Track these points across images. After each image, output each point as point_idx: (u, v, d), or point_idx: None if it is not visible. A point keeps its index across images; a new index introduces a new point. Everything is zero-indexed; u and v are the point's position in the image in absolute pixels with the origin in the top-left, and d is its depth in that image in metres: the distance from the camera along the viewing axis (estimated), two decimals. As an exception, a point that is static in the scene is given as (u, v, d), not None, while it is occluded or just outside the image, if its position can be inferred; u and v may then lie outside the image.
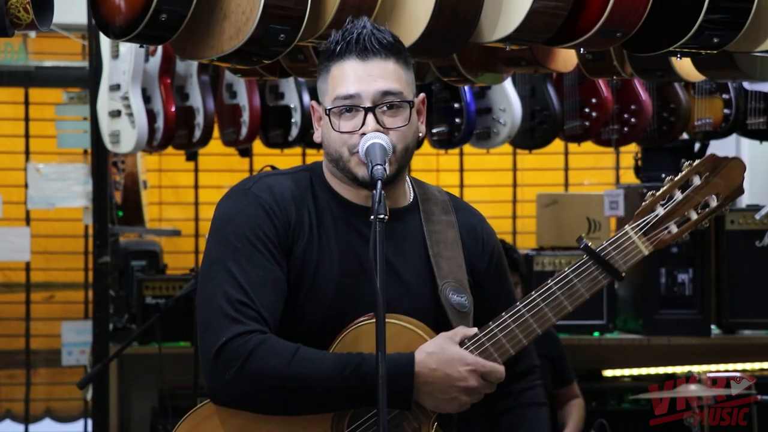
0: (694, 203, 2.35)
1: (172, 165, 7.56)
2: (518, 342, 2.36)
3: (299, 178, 2.47)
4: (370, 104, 2.39)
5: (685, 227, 2.36)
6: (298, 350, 2.30)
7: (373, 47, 2.40)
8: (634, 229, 2.36)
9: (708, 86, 5.52)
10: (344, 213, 2.45)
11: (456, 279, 2.44)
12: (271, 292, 2.34)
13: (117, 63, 5.32)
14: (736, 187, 2.35)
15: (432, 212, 2.49)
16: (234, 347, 2.29)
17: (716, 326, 5.92)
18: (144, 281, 5.79)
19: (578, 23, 3.24)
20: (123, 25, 3.16)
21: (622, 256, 2.35)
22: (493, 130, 5.42)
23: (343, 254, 2.41)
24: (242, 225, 2.36)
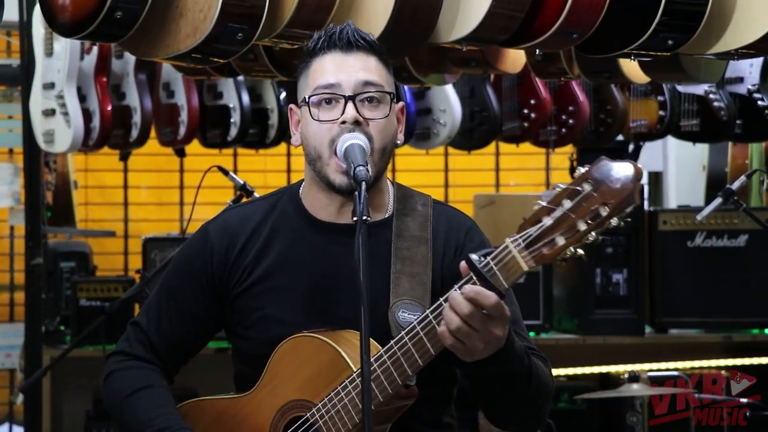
0: (582, 213, 2.08)
1: (98, 165, 7.44)
2: (404, 371, 2.27)
3: (263, 205, 2.50)
4: (351, 92, 2.37)
5: (572, 240, 2.09)
6: (141, 390, 2.47)
7: (357, 41, 2.40)
8: (514, 243, 2.14)
9: (643, 88, 5.59)
10: (308, 232, 2.44)
11: (414, 297, 2.39)
12: (173, 323, 2.49)
13: (51, 61, 5.22)
14: (626, 194, 2.07)
15: (406, 228, 2.44)
16: (112, 360, 2.55)
17: (649, 326, 6.00)
18: (78, 283, 5.69)
19: (535, 24, 3.26)
20: (76, 21, 3.10)
21: (503, 272, 2.14)
22: (433, 130, 5.43)
23: (301, 276, 2.41)
24: (181, 257, 2.54)
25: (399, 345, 2.26)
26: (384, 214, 2.47)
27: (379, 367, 2.28)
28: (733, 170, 6.33)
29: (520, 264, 2.13)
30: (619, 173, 2.08)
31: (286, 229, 2.45)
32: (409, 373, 2.28)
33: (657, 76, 4.03)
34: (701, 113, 5.58)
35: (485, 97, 5.47)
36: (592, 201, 2.09)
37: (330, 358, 2.33)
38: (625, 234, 5.87)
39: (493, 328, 2.18)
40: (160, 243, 5.83)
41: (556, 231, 2.11)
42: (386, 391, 2.28)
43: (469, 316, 2.17)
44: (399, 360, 2.26)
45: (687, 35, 3.27)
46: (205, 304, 2.46)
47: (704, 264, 5.89)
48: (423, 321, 2.25)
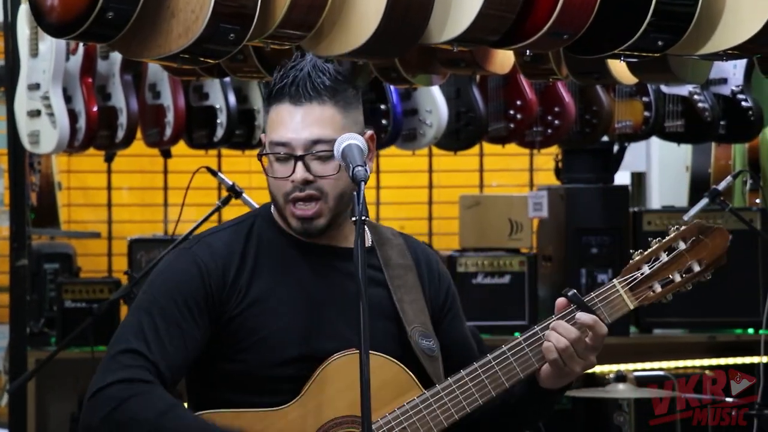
0: (678, 266, 2.45)
1: (81, 166, 7.42)
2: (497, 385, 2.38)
3: (240, 229, 2.47)
4: (302, 152, 2.38)
5: (669, 288, 2.45)
6: (171, 409, 2.33)
7: (306, 93, 2.38)
8: (621, 284, 2.43)
9: (628, 89, 5.61)
10: (294, 253, 2.44)
11: (422, 323, 2.45)
12: (177, 348, 2.36)
13: (36, 62, 5.20)
14: (719, 254, 2.46)
15: (389, 257, 2.49)
16: (114, 390, 2.33)
17: (634, 326, 6.02)
18: (63, 284, 5.67)
19: (526, 25, 3.26)
20: (67, 22, 3.09)
21: (608, 308, 2.41)
22: (419, 131, 5.43)
23: (296, 296, 2.40)
24: (169, 281, 2.41)
25: (484, 369, 2.37)
26: (365, 243, 2.46)
27: (459, 389, 2.35)
28: (717, 171, 6.36)
29: (627, 302, 2.43)
30: (712, 237, 2.47)
31: (273, 252, 2.44)
32: (493, 394, 2.37)
33: (645, 76, 4.05)
34: (686, 114, 5.62)
35: (471, 98, 5.48)
36: (686, 258, 2.45)
37: (394, 377, 2.35)
38: (609, 234, 5.90)
39: (591, 356, 2.40)
40: (145, 244, 5.83)
41: (654, 279, 2.44)
42: (464, 410, 2.36)
43: (576, 340, 2.36)
44: (482, 382, 2.36)
45: (677, 36, 3.28)
46: (203, 329, 2.39)
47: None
48: (514, 348, 2.38)
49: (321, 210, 2.39)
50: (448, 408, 2.35)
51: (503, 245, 6.00)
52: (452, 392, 2.36)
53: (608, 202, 5.92)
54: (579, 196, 5.91)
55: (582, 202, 5.90)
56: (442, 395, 2.35)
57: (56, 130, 5.12)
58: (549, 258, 6.06)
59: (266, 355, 2.37)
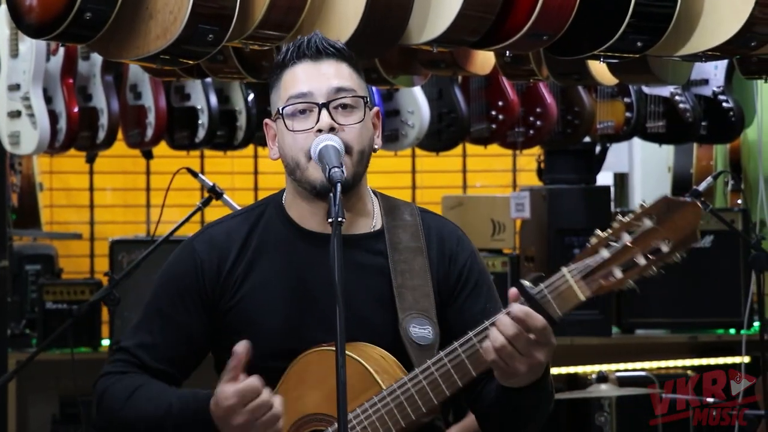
0: (642, 248, 2.13)
1: (64, 167, 7.40)
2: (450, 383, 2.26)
3: (248, 218, 2.47)
4: (325, 99, 2.36)
5: (631, 273, 2.14)
6: (137, 389, 2.39)
7: (326, 49, 2.39)
8: (571, 272, 2.16)
9: (610, 90, 5.62)
10: (297, 243, 2.42)
11: (421, 309, 2.38)
12: (170, 341, 2.42)
13: (17, 62, 5.18)
14: (690, 232, 2.14)
15: (399, 240, 2.42)
16: (96, 388, 2.45)
17: (616, 326, 6.03)
18: (45, 286, 5.65)
19: (505, 26, 3.27)
20: (45, 23, 3.08)
21: (558, 300, 2.16)
22: (401, 132, 5.43)
23: (292, 288, 2.39)
24: (169, 276, 2.47)
25: (437, 366, 2.26)
26: (371, 223, 2.45)
27: (414, 387, 2.27)
28: (698, 172, 6.37)
29: (577, 293, 2.16)
30: (682, 212, 2.13)
31: (275, 241, 2.43)
32: (447, 394, 2.27)
33: (625, 77, 4.05)
34: (667, 115, 5.63)
35: (453, 99, 5.49)
36: (652, 236, 2.12)
37: (355, 374, 2.28)
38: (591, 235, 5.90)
39: (537, 353, 2.18)
40: (127, 245, 5.80)
41: (614, 263, 2.14)
42: (420, 410, 2.28)
43: (514, 337, 2.16)
44: (436, 380, 2.26)
45: (656, 37, 3.29)
46: (199, 321, 2.41)
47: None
48: (466, 343, 2.25)
49: (345, 164, 2.32)
50: (404, 407, 2.28)
51: (486, 246, 6.00)
52: (407, 391, 2.28)
53: (590, 203, 5.93)
54: (561, 196, 5.92)
55: (564, 203, 5.90)
56: (398, 393, 2.28)
57: (37, 131, 5.11)
58: (531, 258, 6.06)
59: (261, 346, 2.35)
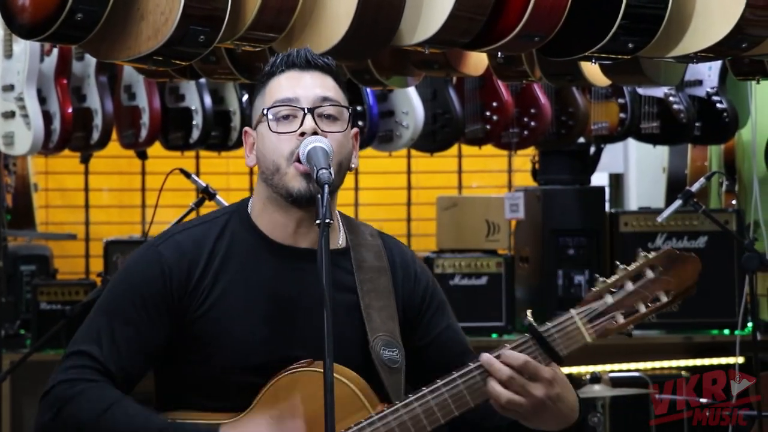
0: (644, 296, 2.28)
1: (59, 167, 7.39)
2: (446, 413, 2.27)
3: (212, 227, 2.42)
4: (310, 106, 2.36)
5: (632, 319, 2.29)
6: (114, 404, 2.29)
7: (315, 60, 2.41)
8: (579, 315, 2.30)
9: (604, 90, 5.62)
10: (266, 255, 2.39)
11: (387, 331, 2.39)
12: (131, 350, 2.33)
13: (11, 63, 5.19)
14: (689, 285, 2.29)
15: (364, 259, 2.43)
16: (57, 392, 2.32)
17: (610, 326, 6.02)
18: (39, 286, 5.65)
19: (497, 27, 3.28)
20: (36, 23, 3.08)
21: (564, 340, 2.29)
22: (395, 133, 5.44)
23: (260, 300, 2.36)
24: (131, 281, 2.37)
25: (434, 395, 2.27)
26: (338, 242, 2.44)
27: (407, 414, 2.27)
28: (693, 172, 6.38)
29: (584, 335, 2.30)
30: (683, 265, 2.29)
31: (242, 252, 2.39)
32: (442, 422, 2.28)
33: (618, 78, 4.06)
34: (661, 116, 5.63)
35: (448, 100, 5.49)
36: (654, 287, 2.28)
37: (341, 397, 2.25)
38: (586, 236, 5.91)
39: (531, 389, 2.24)
40: (121, 246, 5.80)
41: (616, 309, 2.29)
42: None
43: (507, 381, 2.24)
44: (431, 409, 2.27)
45: (647, 39, 3.30)
46: (162, 330, 2.34)
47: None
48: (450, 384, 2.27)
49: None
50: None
51: (480, 246, 6.00)
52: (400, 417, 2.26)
53: (585, 204, 5.94)
54: (555, 197, 5.92)
55: (558, 204, 5.91)
56: (389, 419, 2.26)
57: (30, 132, 5.11)
58: (526, 259, 6.07)
59: (229, 360, 2.33)
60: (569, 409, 2.30)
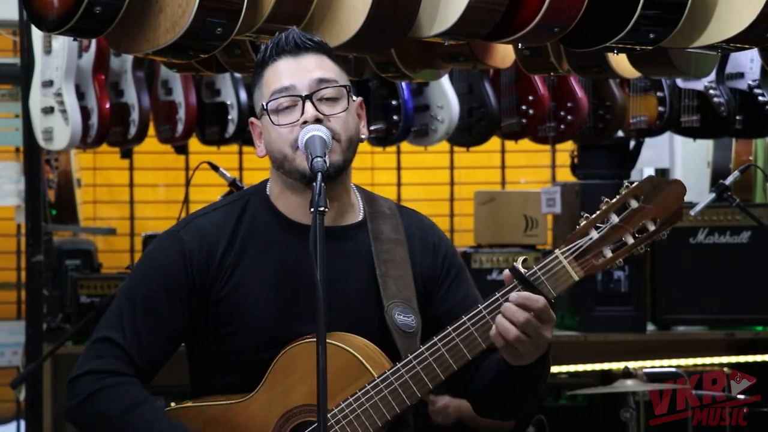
0: (630, 227, 2.24)
1: (106, 163, 7.48)
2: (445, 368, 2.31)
3: (232, 209, 2.45)
4: (308, 92, 2.37)
5: (620, 252, 2.25)
6: (140, 406, 2.35)
7: (305, 43, 2.41)
8: (564, 254, 2.26)
9: (642, 84, 5.56)
10: (286, 235, 2.42)
11: (403, 298, 2.41)
12: (153, 338, 2.38)
13: (50, 59, 5.25)
14: (674, 211, 2.25)
15: (381, 231, 2.45)
16: (86, 381, 2.37)
17: (651, 323, 5.97)
18: (79, 280, 5.71)
19: (516, 18, 3.25)
20: (56, 17, 3.11)
21: (551, 281, 2.26)
22: (430, 127, 5.42)
23: (281, 279, 2.39)
24: (154, 268, 2.42)
25: (431, 350, 2.30)
26: (357, 216, 2.47)
27: (408, 372, 2.30)
28: (737, 166, 6.26)
29: (571, 274, 2.25)
30: (666, 191, 2.24)
31: (262, 232, 2.42)
32: (442, 378, 2.31)
33: (646, 70, 4.02)
34: (701, 109, 5.55)
35: (483, 94, 5.47)
36: (640, 216, 2.23)
37: (345, 364, 2.31)
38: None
39: (544, 332, 2.25)
40: (160, 240, 5.84)
41: (604, 244, 2.24)
42: (415, 395, 2.32)
43: (523, 323, 2.23)
44: (431, 365, 2.30)
45: (669, 28, 3.26)
46: (184, 315, 2.39)
47: (707, 261, 5.86)
48: (459, 327, 2.30)
49: (336, 148, 2.36)
50: (398, 393, 2.31)
51: (518, 241, 5.97)
52: (401, 377, 2.31)
53: (624, 198, 5.87)
54: (594, 192, 5.85)
55: (597, 198, 5.73)
56: (391, 380, 2.31)
57: (69, 127, 5.17)
58: (565, 254, 6.01)
59: (250, 338, 2.37)
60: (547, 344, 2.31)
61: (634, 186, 2.24)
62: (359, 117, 2.45)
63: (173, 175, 7.54)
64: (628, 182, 2.26)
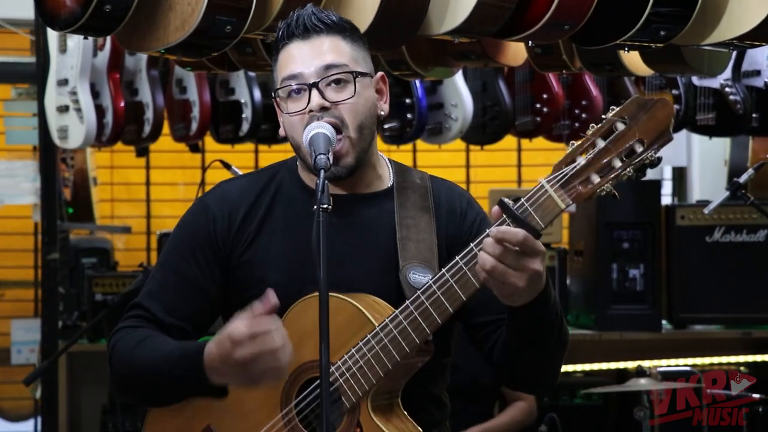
0: (617, 150, 2.13)
1: (123, 162, 7.50)
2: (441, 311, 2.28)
3: (261, 177, 2.50)
4: (315, 79, 2.37)
5: (608, 177, 2.14)
6: (144, 340, 2.39)
7: (314, 26, 2.41)
8: (550, 182, 2.17)
9: (658, 82, 5.54)
10: (310, 207, 2.36)
11: (423, 259, 2.41)
12: (182, 298, 2.43)
13: (65, 58, 5.26)
14: (662, 129, 2.14)
15: (407, 198, 2.46)
16: (110, 342, 2.45)
17: (667, 321, 5.95)
18: (94, 278, 5.73)
19: (526, 15, 3.25)
20: (67, 16, 3.12)
21: (538, 211, 2.19)
22: (444, 125, 5.42)
23: (301, 249, 2.38)
24: (183, 233, 2.48)
25: (427, 294, 2.29)
26: (385, 184, 2.49)
27: (406, 319, 2.29)
28: (754, 164, 6.23)
29: (557, 202, 2.18)
30: (653, 110, 2.14)
31: (287, 201, 2.46)
32: (439, 322, 2.29)
33: (659, 68, 4.00)
34: (717, 107, 5.53)
35: (497, 92, 5.46)
36: (626, 138, 2.14)
37: (348, 316, 2.32)
38: (641, 229, 5.83)
39: (528, 263, 2.19)
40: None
41: (591, 169, 2.15)
42: (414, 342, 2.30)
43: (501, 255, 2.18)
44: (427, 309, 2.28)
45: (680, 25, 3.24)
46: (212, 276, 2.43)
47: (723, 259, 5.84)
48: (452, 268, 2.27)
49: (345, 148, 2.38)
50: (398, 341, 2.30)
51: (533, 240, 5.94)
52: (400, 324, 2.30)
53: (640, 197, 5.85)
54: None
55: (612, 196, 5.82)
56: (390, 327, 2.30)
57: (83, 125, 5.18)
58: (580, 252, 6.00)
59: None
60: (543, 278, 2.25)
61: (620, 108, 2.16)
62: (380, 93, 2.46)
63: (190, 174, 7.55)
64: (614, 107, 2.18)
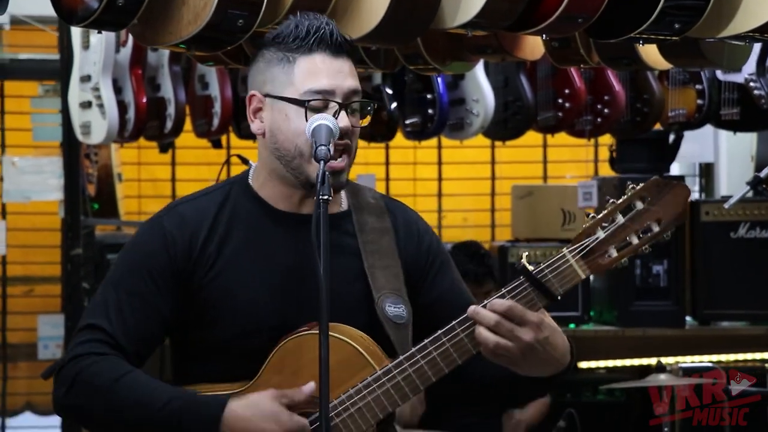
0: (635, 228, 2.29)
1: (150, 158, 7.53)
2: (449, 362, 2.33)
3: (214, 197, 2.45)
4: (342, 100, 2.37)
5: (625, 252, 2.29)
6: (126, 374, 2.32)
7: (344, 45, 2.40)
8: (572, 253, 2.30)
9: (681, 77, 5.51)
10: (269, 223, 2.42)
11: (393, 289, 2.42)
12: (139, 321, 2.36)
13: (88, 54, 5.30)
14: (678, 213, 2.30)
15: (365, 221, 2.46)
16: (70, 366, 2.35)
17: (692, 318, 5.92)
18: (116, 273, 5.76)
19: (539, 9, 3.23)
20: (81, 10, 3.13)
21: (558, 279, 2.29)
22: (466, 120, 5.41)
23: (265, 266, 2.39)
24: (137, 253, 2.41)
25: (436, 345, 2.32)
26: (340, 205, 2.48)
27: (412, 366, 2.31)
28: (779, 160, 6.21)
29: (578, 272, 2.29)
30: (671, 193, 2.30)
31: (245, 220, 2.42)
32: (446, 371, 2.32)
33: (677, 61, 3.97)
34: (741, 102, 5.49)
35: (519, 87, 5.44)
36: (644, 218, 2.28)
37: (346, 356, 2.32)
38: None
39: (522, 334, 2.26)
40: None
41: (609, 244, 2.28)
42: (417, 389, 2.32)
43: (495, 326, 2.26)
44: (435, 359, 2.32)
45: (694, 18, 3.22)
46: (170, 300, 2.37)
47: (748, 255, 5.80)
48: (464, 323, 2.31)
49: (346, 165, 2.38)
50: (401, 386, 2.31)
51: (556, 236, 5.93)
52: (404, 370, 2.31)
53: (664, 193, 5.81)
54: (633, 186, 5.81)
55: (636, 192, 5.79)
56: (394, 373, 2.31)
57: (106, 121, 5.22)
58: (603, 249, 5.97)
59: (234, 326, 2.36)
60: (560, 353, 2.32)
61: (640, 187, 2.30)
62: None
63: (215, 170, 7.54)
64: (633, 184, 2.31)
